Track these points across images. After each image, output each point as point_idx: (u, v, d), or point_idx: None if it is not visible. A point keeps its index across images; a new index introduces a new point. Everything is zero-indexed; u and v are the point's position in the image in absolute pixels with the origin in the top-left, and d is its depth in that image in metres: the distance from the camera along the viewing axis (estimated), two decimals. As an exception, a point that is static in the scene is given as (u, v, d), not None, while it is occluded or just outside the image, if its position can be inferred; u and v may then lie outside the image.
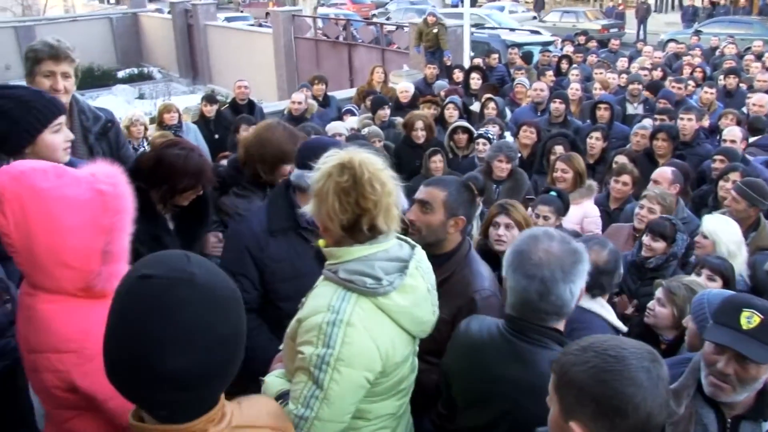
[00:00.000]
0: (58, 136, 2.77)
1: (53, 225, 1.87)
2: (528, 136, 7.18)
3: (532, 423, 1.93)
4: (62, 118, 2.80)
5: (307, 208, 2.12)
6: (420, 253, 2.27)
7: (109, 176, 1.97)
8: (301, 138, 3.49)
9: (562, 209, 4.69)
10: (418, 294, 2.19)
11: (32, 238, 1.87)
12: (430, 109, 8.51)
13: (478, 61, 12.19)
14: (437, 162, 6.46)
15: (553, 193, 4.77)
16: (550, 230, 2.23)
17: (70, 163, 2.88)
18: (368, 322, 2.05)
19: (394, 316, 2.12)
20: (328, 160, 2.08)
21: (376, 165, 2.08)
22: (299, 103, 8.92)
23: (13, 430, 2.89)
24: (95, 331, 1.82)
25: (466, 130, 7.40)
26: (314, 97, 9.89)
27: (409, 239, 2.29)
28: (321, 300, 2.07)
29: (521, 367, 2.12)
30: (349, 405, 2.08)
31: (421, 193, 2.92)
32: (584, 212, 5.39)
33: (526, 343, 2.15)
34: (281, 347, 2.49)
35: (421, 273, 2.23)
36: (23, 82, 3.40)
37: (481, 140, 6.88)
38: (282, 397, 2.18)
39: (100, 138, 3.60)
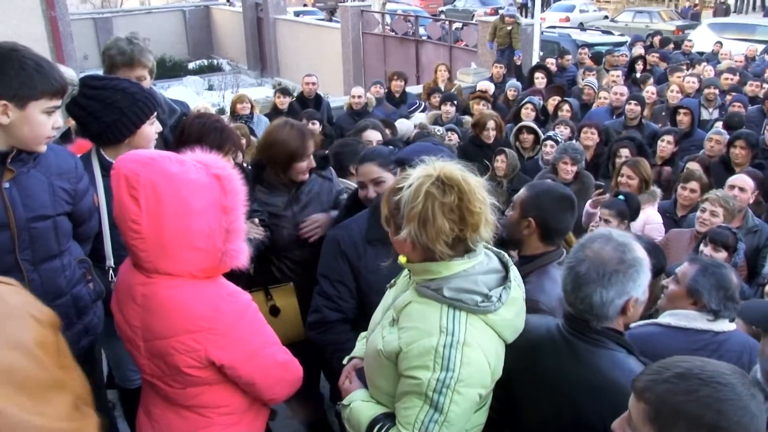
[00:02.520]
0: (153, 128, 2.89)
1: (184, 208, 1.94)
2: (589, 137, 7.03)
3: (592, 420, 1.96)
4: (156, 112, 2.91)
5: (403, 234, 1.99)
6: (511, 262, 2.20)
7: (215, 161, 2.06)
8: (309, 134, 3.48)
9: (627, 213, 4.57)
10: (518, 305, 2.14)
11: (163, 223, 1.93)
12: (479, 105, 8.47)
13: (552, 61, 11.96)
14: (500, 162, 6.39)
15: (621, 197, 4.66)
16: (618, 233, 2.15)
17: None
18: (480, 339, 2.00)
19: (499, 330, 2.07)
20: (414, 177, 1.98)
21: (471, 176, 2.00)
22: (359, 97, 8.98)
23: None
24: (224, 308, 2.02)
25: (531, 130, 7.32)
26: (391, 93, 9.93)
27: (492, 247, 2.20)
28: (428, 322, 1.98)
29: (579, 365, 2.10)
30: (465, 423, 2.03)
31: None
32: (646, 218, 5.26)
33: (584, 342, 2.12)
34: (345, 361, 2.48)
35: (518, 282, 2.17)
36: (100, 72, 3.50)
37: (549, 142, 6.77)
38: (378, 421, 2.12)
39: (174, 130, 3.67)
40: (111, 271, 2.94)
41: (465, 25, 18.09)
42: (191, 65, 27.88)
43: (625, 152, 6.22)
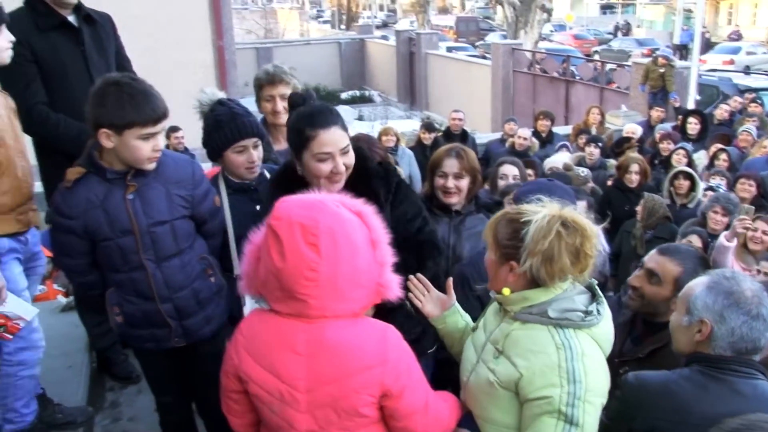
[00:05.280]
0: (242, 156, 3.10)
1: (353, 249, 1.95)
2: (746, 188, 6.65)
3: None
4: (248, 141, 3.11)
5: (523, 267, 2.07)
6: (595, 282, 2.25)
7: (343, 199, 2.08)
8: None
9: None
10: (610, 319, 2.19)
11: (338, 266, 1.92)
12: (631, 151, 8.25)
13: (726, 107, 11.25)
14: (638, 207, 6.24)
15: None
16: (731, 271, 2.23)
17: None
18: (593, 351, 2.08)
19: (601, 342, 2.13)
20: (541, 214, 2.07)
21: (591, 223, 2.09)
22: (524, 139, 8.93)
23: (205, 391, 3.24)
24: (389, 338, 2.03)
25: (688, 176, 7.07)
26: (538, 132, 9.93)
27: None
28: (541, 343, 2.06)
29: (742, 399, 2.08)
30: None
31: (653, 261, 2.76)
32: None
33: (739, 377, 2.14)
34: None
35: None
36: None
37: (710, 193, 6.50)
38: None
39: None
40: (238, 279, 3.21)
41: (619, 66, 17.75)
42: (344, 95, 28.92)
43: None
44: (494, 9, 48.85)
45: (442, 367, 2.50)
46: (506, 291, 2.13)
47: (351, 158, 2.60)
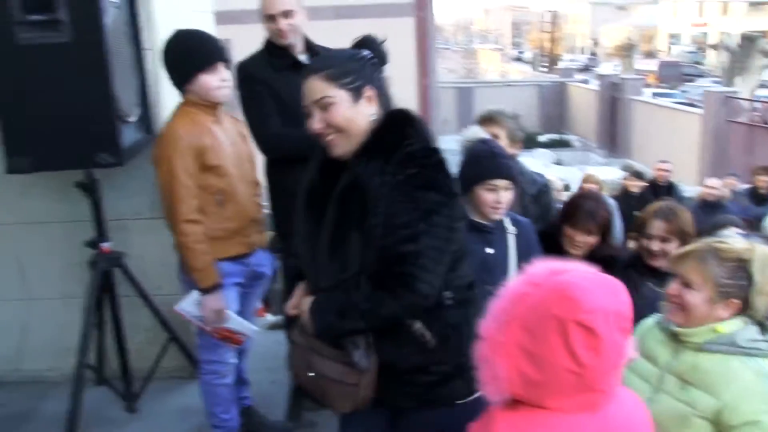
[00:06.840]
0: (491, 195, 3.11)
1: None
2: None
3: None
4: (501, 182, 3.14)
5: (758, 306, 2.19)
6: None
7: (571, 266, 1.74)
8: None
9: None
10: None
11: None
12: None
13: None
14: None
15: None
16: None
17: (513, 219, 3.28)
18: None
19: None
20: (760, 254, 2.18)
21: None
22: (714, 188, 8.48)
23: None
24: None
25: None
26: (756, 189, 9.25)
27: None
28: (739, 373, 2.16)
29: None
30: None
31: None
32: None
33: None
34: None
35: None
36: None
37: None
38: None
39: (534, 201, 3.87)
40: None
41: None
42: (542, 138, 28.65)
43: None
44: (704, 53, 46.58)
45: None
46: (721, 328, 2.21)
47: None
